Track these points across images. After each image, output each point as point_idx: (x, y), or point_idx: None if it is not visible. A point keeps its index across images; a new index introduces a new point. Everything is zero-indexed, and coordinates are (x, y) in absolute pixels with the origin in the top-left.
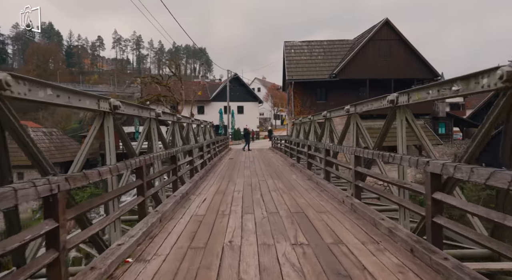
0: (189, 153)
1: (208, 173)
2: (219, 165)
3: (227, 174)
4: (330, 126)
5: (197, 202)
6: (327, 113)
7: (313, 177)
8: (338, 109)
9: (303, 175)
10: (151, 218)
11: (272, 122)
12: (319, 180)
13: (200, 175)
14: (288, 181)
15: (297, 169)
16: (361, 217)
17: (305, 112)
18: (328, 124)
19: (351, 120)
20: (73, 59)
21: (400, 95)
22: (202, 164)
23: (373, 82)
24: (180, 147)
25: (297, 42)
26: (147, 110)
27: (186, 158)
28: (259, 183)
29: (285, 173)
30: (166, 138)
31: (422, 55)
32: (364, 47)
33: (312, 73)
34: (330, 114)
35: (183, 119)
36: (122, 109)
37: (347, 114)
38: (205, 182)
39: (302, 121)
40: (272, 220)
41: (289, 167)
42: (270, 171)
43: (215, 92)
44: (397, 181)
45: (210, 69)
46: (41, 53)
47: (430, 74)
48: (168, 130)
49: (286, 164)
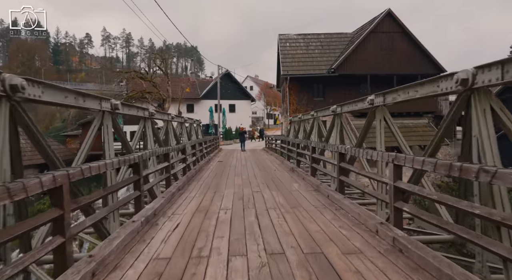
0: (165, 157)
1: (191, 181)
2: (206, 170)
3: (213, 182)
4: (341, 123)
5: (166, 231)
6: (337, 107)
7: (322, 188)
8: (356, 101)
9: (307, 184)
10: (75, 275)
11: (265, 121)
12: (331, 193)
13: (179, 185)
14: (290, 193)
15: (298, 176)
16: (416, 264)
17: (301, 110)
18: (339, 121)
19: (376, 115)
20: (60, 57)
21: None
22: (184, 169)
23: (374, 77)
24: (149, 150)
25: (292, 35)
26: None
27: (159, 164)
28: (253, 195)
29: (284, 180)
30: (134, 139)
31: (426, 49)
32: (365, 40)
33: (308, 68)
34: (342, 109)
35: (158, 115)
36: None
37: (371, 106)
38: (184, 194)
39: (302, 119)
40: (276, 272)
41: (288, 173)
42: (266, 177)
43: (206, 90)
44: None
45: (202, 68)
46: (26, 50)
47: (435, 69)
48: (138, 128)
49: (284, 168)
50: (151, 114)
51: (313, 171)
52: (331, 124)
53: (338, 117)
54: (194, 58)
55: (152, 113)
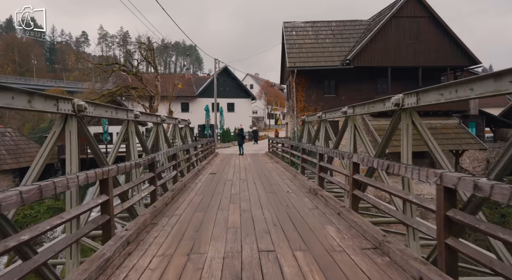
0: (103, 183)
1: (159, 217)
2: (189, 192)
3: (192, 225)
4: (423, 126)
5: None
6: (404, 97)
7: (390, 248)
8: (430, 89)
9: (353, 231)
10: None
11: (266, 121)
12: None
13: (128, 235)
14: (330, 258)
15: (326, 206)
16: None
17: (310, 108)
18: (409, 121)
19: None
20: (56, 56)
21: None
22: (153, 194)
23: (395, 70)
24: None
25: (299, 23)
26: None
27: (98, 197)
28: (261, 264)
29: (308, 217)
30: None
31: (458, 37)
32: (386, 26)
33: (319, 60)
34: (417, 99)
35: (100, 111)
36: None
37: None
38: (131, 261)
39: (322, 118)
40: None
41: (310, 198)
42: (278, 209)
43: (202, 87)
44: None
45: (201, 67)
46: (16, 47)
47: (468, 61)
48: (58, 135)
49: (299, 187)
50: (78, 108)
51: (355, 201)
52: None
53: (406, 116)
54: (193, 57)
55: (78, 108)
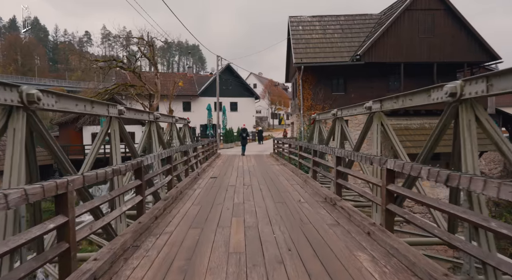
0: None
1: (144, 237)
2: (184, 201)
3: (185, 248)
4: (490, 122)
5: None
6: (464, 84)
7: None
8: None
9: (393, 261)
10: None
11: (269, 121)
12: None
13: (96, 269)
14: None
15: (350, 222)
16: None
17: (317, 106)
18: (472, 116)
19: None
20: (59, 55)
21: None
22: (139, 206)
23: (408, 66)
24: None
25: (305, 17)
26: None
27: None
28: None
29: (329, 238)
30: None
31: (476, 31)
32: (398, 19)
33: (327, 55)
34: (487, 86)
35: (66, 103)
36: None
37: None
38: None
39: (338, 116)
40: None
41: (326, 210)
42: (291, 225)
43: (204, 86)
44: None
45: (204, 67)
46: (18, 47)
47: (487, 57)
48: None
49: (311, 194)
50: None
51: (389, 218)
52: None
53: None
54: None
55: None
